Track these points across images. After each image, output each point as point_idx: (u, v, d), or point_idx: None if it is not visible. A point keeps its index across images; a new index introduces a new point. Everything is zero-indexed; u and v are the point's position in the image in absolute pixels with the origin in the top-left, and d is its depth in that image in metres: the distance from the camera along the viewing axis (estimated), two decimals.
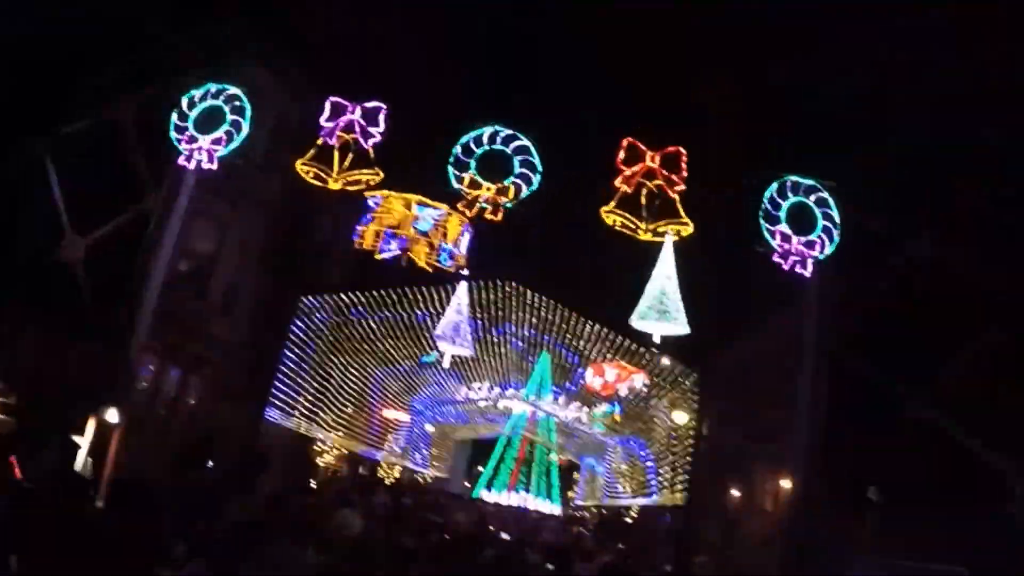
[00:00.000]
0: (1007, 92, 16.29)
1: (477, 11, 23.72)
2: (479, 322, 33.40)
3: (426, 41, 24.35)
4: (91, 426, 17.23)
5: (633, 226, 16.57)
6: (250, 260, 27.12)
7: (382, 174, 17.32)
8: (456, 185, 17.11)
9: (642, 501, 37.50)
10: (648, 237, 16.69)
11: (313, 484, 30.64)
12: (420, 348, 36.11)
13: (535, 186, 16.84)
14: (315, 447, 34.20)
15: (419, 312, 32.38)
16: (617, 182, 16.62)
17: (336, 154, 17.59)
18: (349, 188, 17.74)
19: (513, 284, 31.76)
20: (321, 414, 33.27)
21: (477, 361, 40.33)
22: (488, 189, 16.79)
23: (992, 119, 16.38)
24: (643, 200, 16.51)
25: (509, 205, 16.80)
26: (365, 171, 17.34)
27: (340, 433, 35.92)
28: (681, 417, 27.80)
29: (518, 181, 16.83)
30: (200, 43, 21.59)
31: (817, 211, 17.66)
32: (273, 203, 27.68)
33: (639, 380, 33.39)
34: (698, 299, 18.73)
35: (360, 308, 31.97)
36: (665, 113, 21.21)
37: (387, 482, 42.67)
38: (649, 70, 22.04)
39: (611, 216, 16.59)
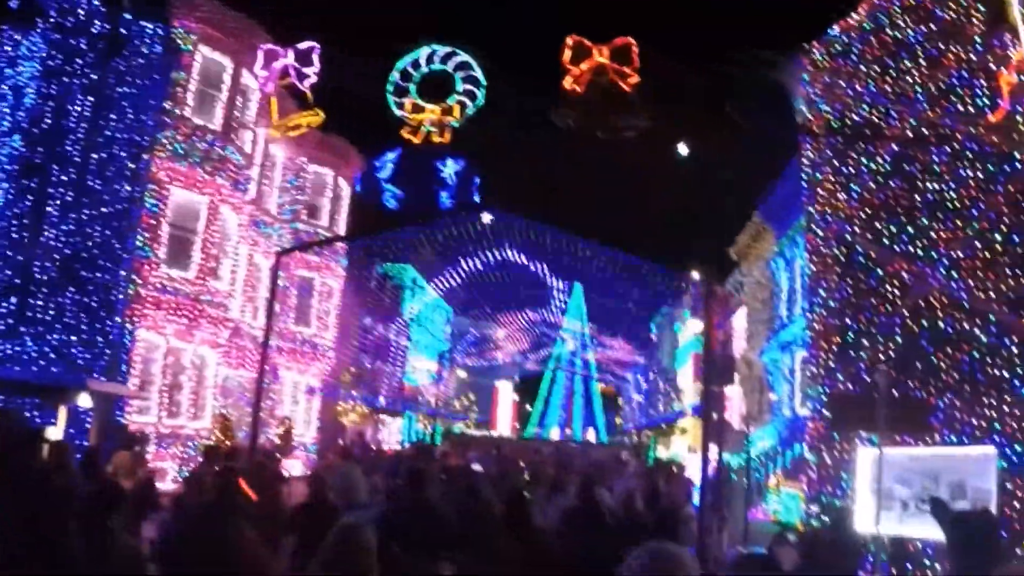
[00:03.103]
0: None
1: None
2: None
3: None
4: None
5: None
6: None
7: (322, 114, 16.42)
8: (399, 112, 16.15)
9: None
10: (606, 135, 15.63)
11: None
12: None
13: (480, 101, 15.84)
14: (338, 406, 33.86)
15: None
16: (566, 83, 15.54)
17: (273, 102, 16.81)
18: (292, 133, 16.94)
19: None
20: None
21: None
22: (432, 111, 15.84)
23: None
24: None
25: (455, 124, 15.84)
26: (305, 113, 16.50)
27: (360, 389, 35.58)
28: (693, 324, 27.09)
29: (462, 98, 15.87)
30: None
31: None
32: None
33: None
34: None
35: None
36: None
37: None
38: None
39: (560, 119, 15.50)
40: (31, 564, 6.20)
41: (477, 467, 17.59)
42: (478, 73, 15.82)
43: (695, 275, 31.19)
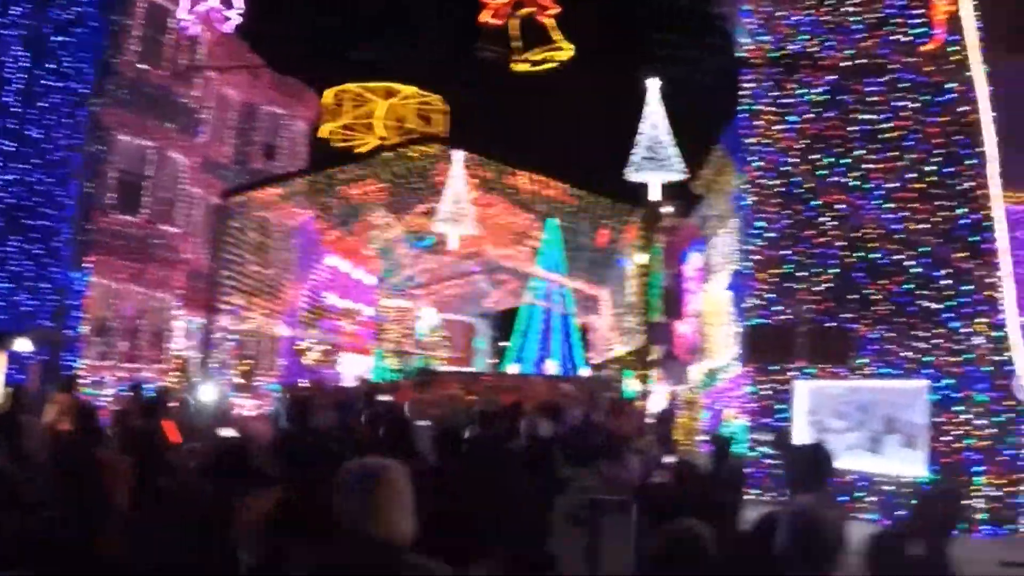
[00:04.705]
0: None
1: None
2: None
3: None
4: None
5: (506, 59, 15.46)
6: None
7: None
8: None
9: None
10: (525, 68, 15.62)
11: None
12: None
13: None
14: (296, 345, 34.09)
15: None
16: (483, 16, 15.44)
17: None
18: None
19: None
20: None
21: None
22: None
23: None
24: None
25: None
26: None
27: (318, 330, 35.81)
28: (641, 258, 27.15)
29: None
30: None
31: None
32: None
33: None
34: None
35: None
36: None
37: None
38: None
39: (481, 52, 15.46)
40: None
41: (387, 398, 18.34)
42: None
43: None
